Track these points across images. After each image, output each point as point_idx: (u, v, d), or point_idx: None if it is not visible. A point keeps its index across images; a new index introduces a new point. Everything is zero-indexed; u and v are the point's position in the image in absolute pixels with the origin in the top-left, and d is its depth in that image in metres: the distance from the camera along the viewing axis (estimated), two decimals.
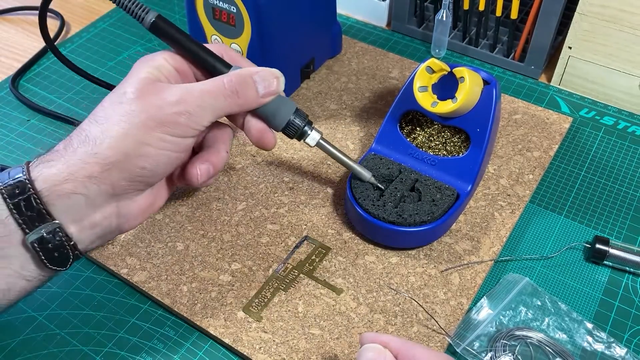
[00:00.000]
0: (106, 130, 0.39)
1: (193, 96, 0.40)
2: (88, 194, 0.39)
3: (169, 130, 0.39)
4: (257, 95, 0.43)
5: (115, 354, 0.48)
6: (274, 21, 0.60)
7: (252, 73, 0.43)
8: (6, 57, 0.78)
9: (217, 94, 0.41)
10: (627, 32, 0.63)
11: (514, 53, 0.73)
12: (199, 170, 0.44)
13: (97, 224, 0.41)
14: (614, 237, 0.56)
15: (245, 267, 0.53)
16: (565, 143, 0.64)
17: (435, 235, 0.53)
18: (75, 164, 0.38)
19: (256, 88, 0.43)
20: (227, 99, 0.41)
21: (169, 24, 0.43)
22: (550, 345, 0.47)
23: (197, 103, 0.40)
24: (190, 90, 0.40)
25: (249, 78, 0.42)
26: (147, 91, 0.40)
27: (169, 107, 0.39)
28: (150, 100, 0.39)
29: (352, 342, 0.47)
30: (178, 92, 0.40)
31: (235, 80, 0.42)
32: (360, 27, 0.80)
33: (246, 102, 0.43)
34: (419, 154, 0.57)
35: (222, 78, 0.42)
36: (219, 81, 0.41)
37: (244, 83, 0.42)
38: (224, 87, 0.41)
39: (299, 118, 0.47)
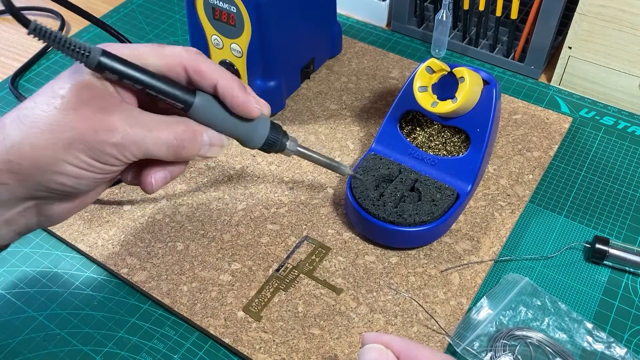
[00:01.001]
0: (27, 137, 0.35)
1: (134, 132, 0.36)
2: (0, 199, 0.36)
3: (94, 155, 0.36)
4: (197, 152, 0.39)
5: (115, 354, 0.48)
6: (274, 21, 0.60)
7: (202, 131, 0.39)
8: (6, 57, 0.78)
9: (162, 142, 0.37)
10: (627, 32, 0.63)
11: (514, 53, 0.73)
12: (154, 180, 0.40)
13: (14, 221, 0.38)
14: (614, 237, 0.56)
15: (245, 267, 0.53)
16: (565, 143, 0.64)
17: (435, 235, 0.53)
18: None
19: (200, 148, 0.39)
20: (169, 149, 0.38)
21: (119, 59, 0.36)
22: (550, 345, 0.47)
23: (135, 139, 0.36)
24: (135, 123, 0.36)
25: (199, 136, 0.39)
26: (86, 103, 0.35)
27: (103, 134, 0.35)
28: (87, 118, 0.35)
29: (352, 342, 0.47)
30: (122, 118, 0.36)
31: (187, 134, 0.38)
32: (360, 27, 0.80)
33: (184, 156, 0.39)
34: (419, 154, 0.57)
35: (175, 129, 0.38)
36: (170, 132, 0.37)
37: (193, 139, 0.39)
38: (174, 140, 0.38)
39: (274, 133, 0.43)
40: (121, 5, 0.85)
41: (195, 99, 0.38)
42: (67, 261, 0.54)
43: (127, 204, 0.58)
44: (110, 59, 0.36)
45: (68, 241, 0.55)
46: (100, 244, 0.54)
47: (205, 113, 0.39)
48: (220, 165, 0.61)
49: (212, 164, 0.61)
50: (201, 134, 0.39)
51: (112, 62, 0.36)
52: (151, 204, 0.58)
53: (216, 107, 0.40)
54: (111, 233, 0.55)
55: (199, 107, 0.39)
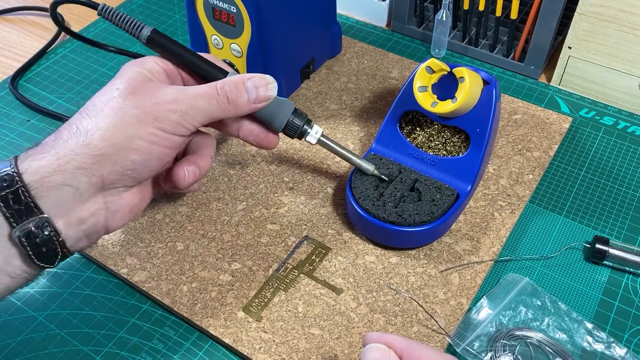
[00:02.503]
0: (98, 123, 0.39)
1: (187, 96, 0.41)
2: (78, 185, 0.38)
3: (162, 125, 0.40)
4: (247, 102, 0.44)
5: (115, 354, 0.48)
6: (274, 21, 0.60)
7: (244, 79, 0.44)
8: (6, 57, 0.78)
9: (209, 97, 0.42)
10: (627, 32, 0.63)
11: (514, 53, 0.73)
12: (186, 171, 0.44)
13: (85, 220, 0.40)
14: (613, 237, 0.56)
15: (245, 267, 0.53)
16: (565, 143, 0.64)
17: (435, 235, 0.53)
18: (66, 155, 0.38)
19: (247, 95, 0.44)
20: (220, 104, 0.43)
21: (164, 36, 0.45)
22: (550, 345, 0.47)
23: (190, 103, 0.41)
24: (184, 91, 0.42)
25: (241, 85, 0.43)
26: (140, 88, 0.41)
27: (163, 104, 0.40)
28: (144, 96, 0.40)
29: (352, 342, 0.47)
30: (172, 91, 0.41)
31: (227, 86, 0.43)
32: (360, 27, 0.80)
33: (237, 108, 0.44)
34: (419, 154, 0.57)
35: (215, 83, 0.43)
36: (212, 86, 0.43)
37: (236, 90, 0.43)
38: (217, 92, 0.42)
39: (298, 118, 0.48)
40: (121, 6, 0.85)
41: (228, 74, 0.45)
42: (67, 261, 0.54)
43: None
44: (158, 34, 0.44)
45: None
46: (100, 244, 0.54)
47: None
48: (220, 165, 0.61)
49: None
50: (242, 82, 0.44)
51: (160, 37, 0.45)
52: (151, 203, 0.58)
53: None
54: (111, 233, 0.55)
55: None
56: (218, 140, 0.64)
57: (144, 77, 0.42)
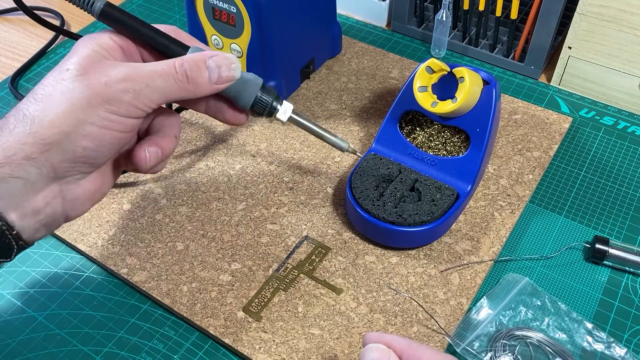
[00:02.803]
0: (45, 109, 0.36)
1: (141, 75, 0.38)
2: (27, 177, 0.36)
3: (113, 108, 0.37)
4: (209, 82, 0.40)
5: (115, 354, 0.48)
6: (274, 21, 0.60)
7: (205, 57, 0.40)
8: (6, 57, 0.78)
9: (167, 75, 0.39)
10: (627, 32, 0.63)
11: (514, 53, 0.73)
12: (148, 153, 0.41)
13: (40, 210, 0.38)
14: (613, 237, 0.56)
15: (245, 267, 0.53)
16: (565, 143, 0.64)
17: (435, 235, 0.53)
18: (12, 145, 0.36)
19: (209, 74, 0.40)
20: (178, 83, 0.39)
21: (118, 10, 0.41)
22: (550, 345, 0.47)
23: (145, 82, 0.38)
24: (139, 68, 0.38)
25: (201, 63, 0.40)
26: (91, 68, 0.38)
27: (114, 84, 0.37)
28: (95, 76, 0.37)
29: (352, 342, 0.47)
30: (125, 69, 0.38)
31: (187, 64, 0.39)
32: (360, 27, 0.80)
33: (197, 88, 0.40)
34: (419, 154, 0.57)
35: (173, 61, 0.40)
36: (170, 63, 0.39)
37: (196, 68, 0.40)
38: (175, 70, 0.39)
39: (266, 94, 0.44)
40: (121, 5, 0.85)
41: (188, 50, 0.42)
42: (67, 261, 0.54)
43: (127, 204, 0.58)
44: (112, 8, 0.40)
45: (68, 241, 0.55)
46: (100, 244, 0.54)
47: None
48: (220, 165, 0.61)
49: (212, 164, 0.61)
50: (203, 60, 0.40)
51: (113, 11, 0.40)
52: (151, 203, 0.58)
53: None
54: (111, 233, 0.55)
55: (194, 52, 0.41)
56: (217, 140, 0.64)
57: (97, 54, 0.39)
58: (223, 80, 0.41)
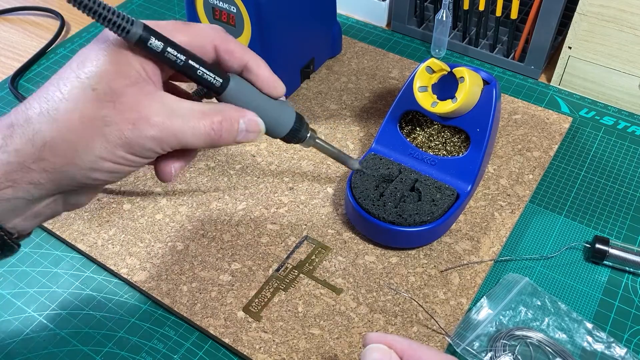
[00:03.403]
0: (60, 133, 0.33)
1: (173, 123, 0.35)
2: (31, 198, 0.35)
3: (132, 150, 0.35)
4: (233, 140, 0.39)
5: (115, 354, 0.48)
6: (274, 21, 0.60)
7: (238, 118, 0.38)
8: (6, 57, 0.78)
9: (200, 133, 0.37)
10: (627, 32, 0.63)
11: (514, 53, 0.73)
12: (173, 169, 0.39)
13: (41, 213, 0.37)
14: (613, 237, 0.56)
15: (245, 267, 0.53)
16: (565, 143, 0.64)
17: (435, 235, 0.53)
18: (16, 169, 0.33)
19: (237, 134, 0.39)
20: (207, 137, 0.37)
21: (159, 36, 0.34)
22: (550, 345, 0.47)
23: (174, 132, 0.35)
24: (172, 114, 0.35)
25: (235, 124, 0.38)
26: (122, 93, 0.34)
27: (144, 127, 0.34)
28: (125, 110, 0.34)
29: (352, 342, 0.47)
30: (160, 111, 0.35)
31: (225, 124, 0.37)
32: (360, 27, 0.80)
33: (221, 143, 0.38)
34: (419, 154, 0.57)
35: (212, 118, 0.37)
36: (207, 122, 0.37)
37: (230, 129, 0.38)
38: (212, 131, 0.37)
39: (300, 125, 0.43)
40: (121, 6, 0.85)
41: (230, 81, 0.37)
42: (67, 261, 0.54)
43: (127, 204, 0.58)
44: (152, 34, 0.33)
45: (68, 241, 0.55)
46: (100, 244, 0.54)
47: (239, 95, 0.38)
48: (220, 165, 0.61)
49: (212, 164, 0.61)
50: (237, 121, 0.38)
51: (154, 39, 0.33)
52: (151, 203, 0.58)
53: (248, 87, 0.39)
54: (111, 233, 0.55)
55: (234, 88, 0.38)
56: None
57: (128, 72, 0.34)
58: (244, 141, 0.39)
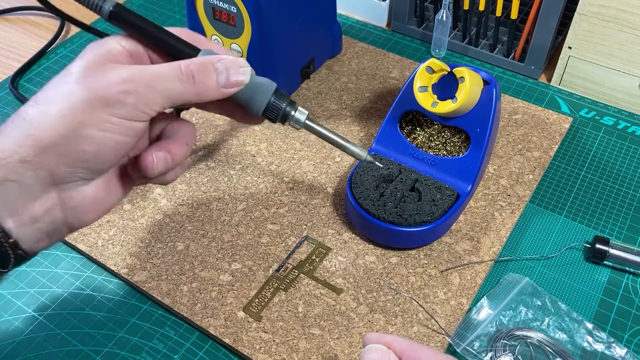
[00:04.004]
0: (44, 111, 0.35)
1: (144, 76, 0.37)
2: (22, 180, 0.35)
3: (114, 111, 0.36)
4: (217, 86, 0.39)
5: (115, 354, 0.48)
6: (274, 21, 0.60)
7: (213, 60, 0.39)
8: (6, 57, 0.78)
9: (171, 77, 0.37)
10: (627, 32, 0.63)
11: (514, 53, 0.73)
12: (155, 157, 0.39)
13: (39, 217, 0.36)
14: (614, 237, 0.56)
15: (245, 267, 0.53)
16: (565, 143, 0.64)
17: (435, 235, 0.53)
18: (8, 147, 0.34)
19: (216, 77, 0.39)
20: (184, 84, 0.38)
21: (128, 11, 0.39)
22: (550, 345, 0.47)
23: (147, 83, 0.36)
24: (142, 70, 0.37)
25: (209, 65, 0.38)
26: (94, 70, 0.36)
27: (115, 85, 0.36)
28: (96, 78, 0.36)
29: (352, 342, 0.47)
30: (128, 71, 0.37)
31: (193, 66, 0.38)
32: (360, 27, 0.80)
33: (205, 91, 0.39)
34: (419, 154, 0.57)
35: (179, 62, 0.38)
36: (175, 65, 0.38)
37: (203, 70, 0.38)
38: (180, 71, 0.38)
39: (278, 99, 0.42)
40: None
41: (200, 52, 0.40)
42: (67, 261, 0.54)
43: (127, 204, 0.58)
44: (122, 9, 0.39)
45: (68, 241, 0.55)
46: (100, 244, 0.54)
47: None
48: (220, 165, 0.61)
49: (212, 164, 0.61)
50: (211, 63, 0.38)
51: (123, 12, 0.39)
52: (151, 204, 0.58)
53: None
54: (111, 233, 0.55)
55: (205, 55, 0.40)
56: (217, 140, 0.64)
57: (102, 58, 0.37)
58: (231, 84, 0.39)
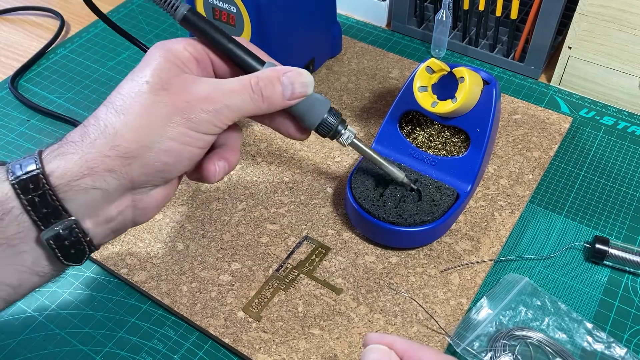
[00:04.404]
0: (127, 121, 0.37)
1: (221, 94, 0.39)
2: (107, 187, 0.37)
3: (193, 126, 0.38)
4: (282, 98, 0.41)
5: (115, 354, 0.48)
6: (274, 21, 0.60)
7: (279, 74, 0.41)
8: (6, 57, 0.78)
9: (243, 94, 0.40)
10: (627, 32, 0.63)
11: (514, 53, 0.73)
12: (217, 167, 0.42)
13: (113, 218, 0.39)
14: (613, 237, 0.56)
15: (245, 267, 0.53)
16: (565, 143, 0.64)
17: (435, 235, 0.53)
18: (95, 157, 0.37)
19: (282, 90, 0.41)
20: (254, 101, 0.40)
21: (200, 16, 0.41)
22: (550, 345, 0.47)
23: (224, 102, 0.39)
24: (219, 87, 0.39)
25: (276, 80, 0.41)
26: (172, 82, 0.38)
27: (197, 103, 0.38)
28: (177, 93, 0.38)
29: (352, 342, 0.47)
30: (207, 88, 0.39)
31: (262, 82, 0.40)
32: (360, 27, 0.80)
33: (271, 104, 0.41)
34: (419, 154, 0.57)
35: (249, 78, 0.40)
36: (246, 81, 0.40)
37: (270, 85, 0.40)
38: (251, 88, 0.40)
39: (332, 117, 0.44)
40: (121, 5, 0.85)
41: (265, 65, 0.42)
42: None
43: None
44: (195, 15, 0.41)
45: None
46: None
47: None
48: None
49: None
50: (277, 78, 0.41)
51: (196, 17, 0.41)
52: None
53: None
54: None
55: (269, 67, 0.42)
56: None
57: (174, 67, 0.39)
58: (296, 96, 0.41)
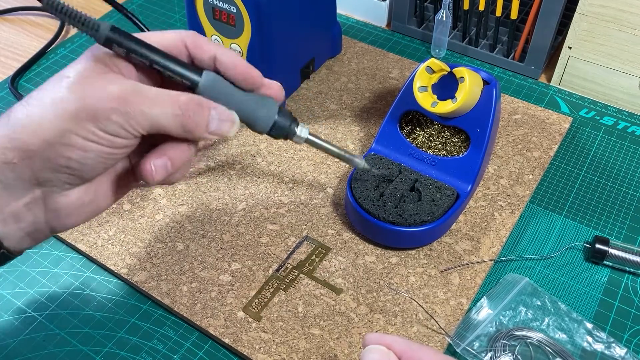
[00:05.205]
0: (32, 115, 0.35)
1: (140, 98, 0.36)
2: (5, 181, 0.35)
3: (100, 125, 0.35)
4: (205, 130, 0.38)
5: (115, 354, 0.48)
6: (274, 21, 0.60)
7: (210, 105, 0.38)
8: (6, 57, 0.78)
9: (166, 107, 0.36)
10: (627, 32, 0.63)
11: (514, 53, 0.73)
12: (153, 166, 0.38)
13: (21, 217, 0.36)
14: (613, 237, 0.56)
15: (245, 267, 0.53)
16: (565, 143, 0.64)
17: (435, 235, 0.53)
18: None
19: (208, 123, 0.38)
20: (176, 118, 0.37)
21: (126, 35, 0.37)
22: (550, 345, 0.47)
23: (141, 107, 0.35)
24: (140, 91, 0.36)
25: (205, 109, 0.38)
26: (90, 78, 0.36)
27: (107, 101, 0.35)
28: (90, 88, 0.35)
29: (352, 342, 0.47)
30: (124, 88, 0.35)
31: (192, 104, 0.37)
32: (360, 27, 0.80)
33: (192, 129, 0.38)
34: (419, 154, 0.57)
35: (181, 94, 0.37)
36: (175, 96, 0.37)
37: (200, 112, 0.37)
38: (178, 107, 0.36)
39: (282, 118, 0.42)
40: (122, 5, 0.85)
41: (202, 75, 0.39)
42: (67, 261, 0.54)
43: (127, 204, 0.58)
44: (118, 34, 0.37)
45: (68, 241, 0.55)
46: (100, 244, 0.54)
47: (214, 89, 0.39)
48: (220, 165, 0.61)
49: (211, 164, 0.61)
50: (208, 108, 0.38)
51: (120, 37, 0.37)
52: (151, 203, 0.58)
53: (223, 83, 0.39)
54: (111, 233, 0.55)
55: (207, 82, 0.38)
56: (217, 140, 0.64)
57: (101, 66, 0.36)
58: (217, 133, 0.39)
